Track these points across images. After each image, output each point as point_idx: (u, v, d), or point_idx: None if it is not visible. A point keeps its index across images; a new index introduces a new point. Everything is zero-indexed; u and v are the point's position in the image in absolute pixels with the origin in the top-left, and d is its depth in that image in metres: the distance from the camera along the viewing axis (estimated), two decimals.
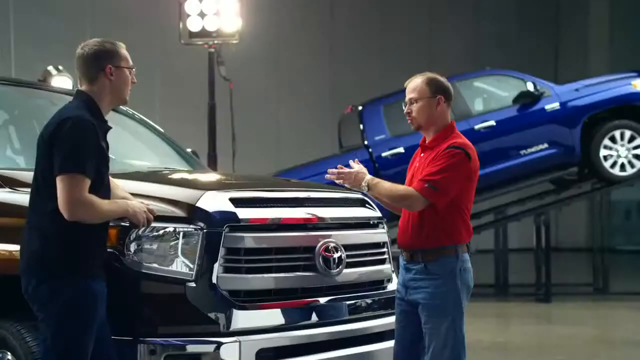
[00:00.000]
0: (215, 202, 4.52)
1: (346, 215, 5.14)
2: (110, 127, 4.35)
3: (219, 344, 4.34)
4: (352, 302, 4.99)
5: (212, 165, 12.60)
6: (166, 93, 20.12)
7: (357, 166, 4.91)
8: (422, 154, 4.99)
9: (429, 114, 4.92)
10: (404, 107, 4.99)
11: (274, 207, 4.78)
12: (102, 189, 4.19)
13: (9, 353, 4.53)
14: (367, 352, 4.99)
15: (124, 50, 4.36)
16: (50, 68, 12.86)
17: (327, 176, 4.91)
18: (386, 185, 4.81)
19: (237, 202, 4.59)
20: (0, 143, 5.87)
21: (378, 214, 5.30)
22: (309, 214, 4.88)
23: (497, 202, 14.47)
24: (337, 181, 4.91)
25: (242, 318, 4.44)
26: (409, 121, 4.99)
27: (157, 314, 4.38)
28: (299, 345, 4.64)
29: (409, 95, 4.96)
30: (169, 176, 5.54)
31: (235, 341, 4.38)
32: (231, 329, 4.40)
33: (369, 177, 4.81)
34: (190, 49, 12.96)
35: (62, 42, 18.25)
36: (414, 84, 4.96)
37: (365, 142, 12.61)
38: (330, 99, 21.63)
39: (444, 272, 4.76)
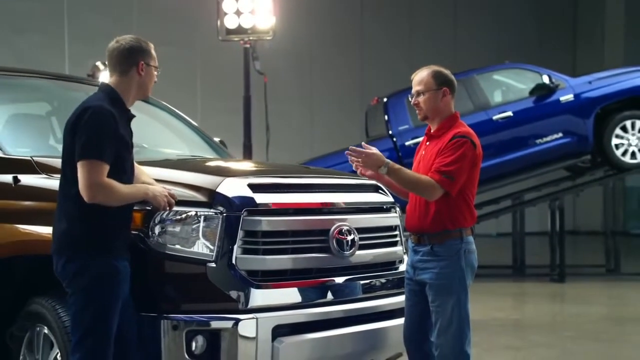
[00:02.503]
0: (234, 187, 4.51)
1: (360, 200, 5.11)
2: (133, 116, 4.35)
3: (237, 321, 4.32)
4: (365, 281, 4.96)
5: (247, 154, 12.63)
6: (206, 86, 20.18)
7: (373, 149, 4.78)
8: (427, 143, 4.96)
9: (435, 105, 4.88)
10: (410, 99, 4.94)
11: (290, 192, 4.75)
12: (125, 173, 4.20)
13: (45, 327, 4.57)
14: (378, 329, 4.96)
15: (153, 51, 4.40)
16: (99, 63, 12.97)
17: (347, 152, 4.78)
18: (407, 172, 4.75)
19: (255, 187, 4.57)
20: (43, 133, 5.90)
21: (390, 199, 5.25)
22: (323, 199, 4.86)
23: (515, 189, 14.36)
24: (354, 163, 4.79)
25: (259, 296, 4.43)
26: (417, 112, 4.95)
27: (180, 292, 4.37)
28: (313, 322, 4.62)
29: (415, 87, 4.91)
30: (193, 164, 5.54)
31: (253, 318, 4.36)
32: (249, 307, 4.39)
33: (388, 161, 4.74)
34: (227, 45, 12.97)
35: (111, 40, 18.41)
36: (420, 77, 4.91)
37: (390, 132, 12.58)
38: (360, 91, 21.56)
39: (449, 254, 4.72)
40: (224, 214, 4.41)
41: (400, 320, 5.00)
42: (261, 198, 4.54)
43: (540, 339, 8.59)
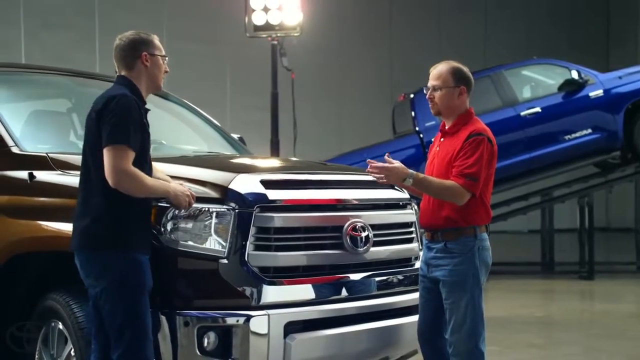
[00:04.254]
0: (246, 184, 4.50)
1: (375, 196, 5.07)
2: (148, 109, 4.37)
3: (249, 317, 4.32)
4: (379, 278, 4.94)
5: (275, 150, 12.66)
6: (235, 83, 20.24)
7: (395, 162, 4.73)
8: (442, 139, 4.92)
9: (450, 103, 4.84)
10: (425, 92, 4.91)
11: (303, 188, 4.74)
12: (146, 165, 4.23)
13: (60, 322, 4.60)
14: (393, 326, 4.94)
15: (157, 41, 4.43)
16: None
17: (368, 170, 4.76)
18: (432, 180, 4.71)
19: (268, 184, 4.57)
20: (63, 129, 5.94)
21: (406, 195, 5.23)
22: (336, 195, 4.84)
23: (544, 185, 14.25)
24: (378, 179, 4.74)
25: (271, 293, 4.42)
26: (430, 106, 4.91)
27: (192, 289, 4.37)
28: (326, 318, 4.61)
29: (432, 82, 4.88)
30: (207, 160, 5.54)
31: (265, 314, 4.36)
32: (261, 303, 4.38)
33: (411, 171, 4.69)
34: (256, 41, 13.01)
35: None
36: (439, 72, 4.88)
37: (417, 128, 12.54)
38: (389, 87, 21.50)
39: (463, 251, 4.69)
40: (236, 210, 4.40)
41: (416, 317, 4.98)
42: (273, 194, 4.53)
43: (565, 336, 8.52)
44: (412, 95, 12.90)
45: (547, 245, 14.70)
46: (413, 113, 12.67)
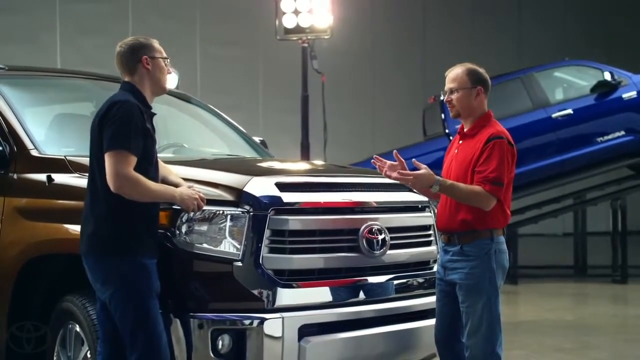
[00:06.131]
0: (261, 186, 4.50)
1: (392, 199, 5.04)
2: (154, 114, 4.39)
3: (263, 320, 4.32)
4: (396, 281, 4.91)
5: (305, 153, 12.66)
6: (267, 86, 20.27)
7: (423, 167, 4.67)
8: (460, 142, 4.88)
9: (468, 104, 4.80)
10: (442, 96, 4.88)
11: (318, 191, 4.72)
12: (151, 168, 4.24)
13: (77, 325, 4.63)
14: (410, 329, 4.91)
15: (156, 44, 4.46)
16: None
17: (395, 176, 4.67)
18: (459, 187, 4.65)
19: (283, 186, 4.56)
20: (88, 132, 5.96)
21: (424, 198, 5.18)
22: (352, 197, 4.82)
23: (577, 187, 14.09)
24: (407, 184, 4.71)
25: (286, 296, 4.42)
26: (449, 109, 4.88)
27: (206, 291, 4.37)
28: (341, 321, 4.59)
29: (449, 84, 4.86)
30: (224, 162, 5.55)
31: (279, 317, 4.35)
32: (275, 306, 4.38)
33: (438, 177, 4.64)
34: (287, 44, 13.03)
35: (175, 41, 18.63)
36: (455, 74, 4.85)
37: (447, 131, 12.47)
38: (422, 90, 21.37)
39: (479, 254, 4.64)
40: (251, 213, 4.40)
41: (434, 321, 4.94)
42: (288, 197, 4.52)
43: (593, 341, 8.41)
44: (442, 98, 12.81)
45: (580, 249, 14.53)
46: (443, 115, 12.60)
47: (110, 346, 4.29)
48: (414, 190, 4.94)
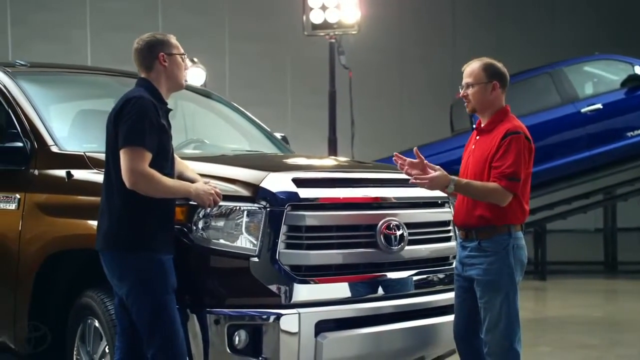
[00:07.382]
0: (278, 182, 4.50)
1: (410, 194, 5.01)
2: (170, 109, 4.42)
3: (279, 315, 4.32)
4: (415, 277, 4.89)
5: (332, 148, 12.66)
6: (295, 81, 20.28)
7: (436, 168, 4.66)
8: (477, 137, 4.85)
9: (484, 99, 4.78)
10: (460, 90, 4.86)
11: (335, 187, 4.71)
12: (167, 164, 4.26)
13: (96, 320, 4.67)
14: (429, 325, 4.90)
15: (174, 40, 4.46)
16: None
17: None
18: (475, 185, 4.63)
19: (299, 182, 4.55)
20: None
21: (443, 193, 5.15)
22: (369, 193, 4.80)
23: (607, 183, 13.95)
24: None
25: (303, 291, 4.42)
26: (465, 104, 4.86)
27: (222, 287, 4.39)
28: (358, 317, 4.58)
29: (465, 79, 4.83)
30: (241, 158, 5.56)
31: (295, 313, 4.35)
32: (292, 302, 4.38)
33: (452, 177, 4.63)
34: (315, 39, 13.03)
35: (204, 37, 18.72)
36: (471, 69, 4.82)
37: (473, 126, 12.36)
38: (451, 86, 21.22)
39: (497, 249, 4.62)
40: (268, 209, 4.41)
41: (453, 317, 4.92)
42: (305, 193, 4.52)
43: (621, 337, 8.34)
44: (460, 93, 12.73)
45: (610, 245, 14.40)
46: None
47: (128, 341, 4.32)
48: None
